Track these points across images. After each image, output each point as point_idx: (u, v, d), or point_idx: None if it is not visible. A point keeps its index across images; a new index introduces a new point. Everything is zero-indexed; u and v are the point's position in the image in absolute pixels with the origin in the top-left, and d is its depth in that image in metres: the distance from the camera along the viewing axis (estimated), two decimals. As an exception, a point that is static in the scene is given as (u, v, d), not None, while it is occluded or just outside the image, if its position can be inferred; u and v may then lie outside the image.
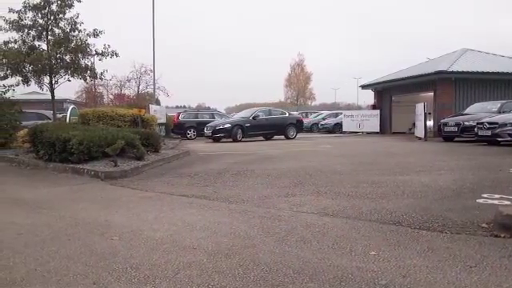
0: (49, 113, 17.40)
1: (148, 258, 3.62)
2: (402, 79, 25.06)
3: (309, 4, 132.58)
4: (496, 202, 5.40)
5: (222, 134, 20.34)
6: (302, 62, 67.97)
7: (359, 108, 54.91)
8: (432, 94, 22.99)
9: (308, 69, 68.62)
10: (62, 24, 14.47)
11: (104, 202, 6.14)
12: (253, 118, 21.30)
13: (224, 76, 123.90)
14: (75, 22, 14.54)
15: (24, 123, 14.24)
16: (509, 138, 13.12)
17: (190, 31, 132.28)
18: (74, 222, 4.90)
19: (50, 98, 15.19)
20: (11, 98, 13.94)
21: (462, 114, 18.10)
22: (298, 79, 67.16)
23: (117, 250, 3.82)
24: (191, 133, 23.56)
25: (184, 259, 3.56)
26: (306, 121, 34.31)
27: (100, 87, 43.89)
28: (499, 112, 16.16)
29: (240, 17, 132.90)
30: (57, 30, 14.48)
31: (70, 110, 14.63)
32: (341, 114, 31.79)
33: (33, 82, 14.60)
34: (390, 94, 27.30)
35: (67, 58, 14.48)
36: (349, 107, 65.57)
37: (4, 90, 13.58)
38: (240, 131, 20.58)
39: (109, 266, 3.44)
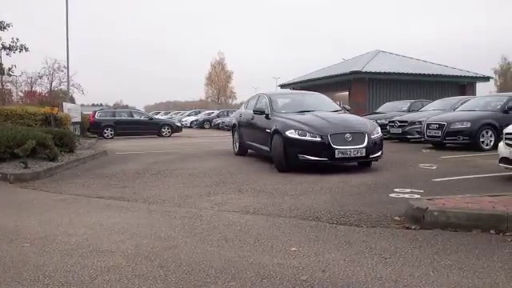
0: None
1: (62, 264, 3.42)
2: (319, 79, 25.98)
3: (232, 3, 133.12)
4: (407, 195, 5.78)
5: None
6: (223, 61, 67.91)
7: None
8: (347, 93, 24.05)
9: (229, 67, 68.80)
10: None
11: (13, 207, 5.72)
12: None
13: (144, 73, 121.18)
14: (-23, 13, 13.43)
15: None
16: (417, 136, 13.93)
17: (109, 27, 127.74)
18: (-23, 230, 4.53)
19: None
20: None
21: (375, 113, 19.11)
22: (219, 78, 66.99)
23: (28, 258, 3.58)
24: (108, 132, 22.81)
25: (102, 264, 3.41)
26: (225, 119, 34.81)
27: (8, 84, 41.11)
28: (409, 111, 17.24)
29: (160, 12, 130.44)
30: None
31: (-28, 107, 13.48)
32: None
33: None
34: (308, 93, 28.12)
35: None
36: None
37: None
38: None
39: (19, 275, 3.21)
